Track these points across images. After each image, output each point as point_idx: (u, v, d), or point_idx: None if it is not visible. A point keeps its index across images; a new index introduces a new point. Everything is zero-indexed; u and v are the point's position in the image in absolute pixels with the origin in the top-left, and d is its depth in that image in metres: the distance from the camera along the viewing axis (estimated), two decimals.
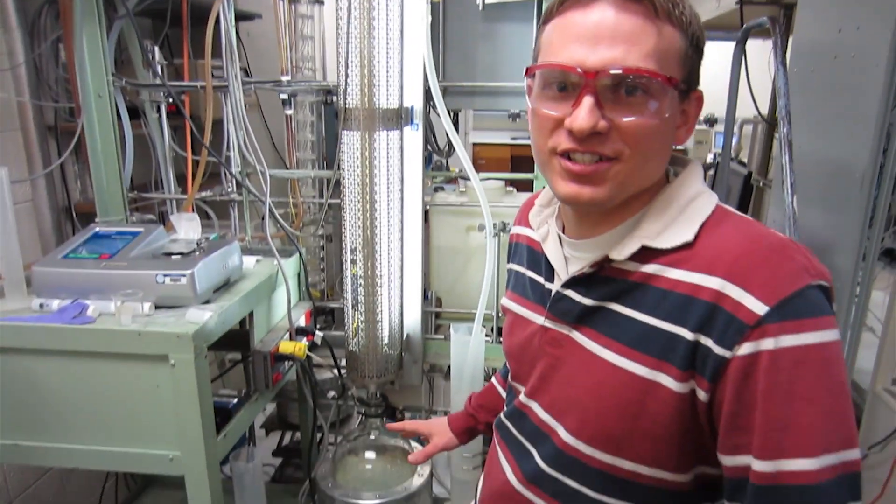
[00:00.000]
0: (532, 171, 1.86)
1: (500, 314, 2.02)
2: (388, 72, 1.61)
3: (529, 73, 0.78)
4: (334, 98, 2.07)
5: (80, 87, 1.90)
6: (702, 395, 0.70)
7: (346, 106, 1.61)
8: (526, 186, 2.04)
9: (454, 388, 1.83)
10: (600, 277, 0.80)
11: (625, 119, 0.71)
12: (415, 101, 1.77)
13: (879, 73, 1.63)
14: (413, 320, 1.94)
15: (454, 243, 2.07)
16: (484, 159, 6.06)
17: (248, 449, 1.75)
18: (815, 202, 2.02)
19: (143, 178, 2.33)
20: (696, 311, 0.70)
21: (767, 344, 0.65)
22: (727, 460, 0.70)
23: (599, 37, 0.71)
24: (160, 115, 2.08)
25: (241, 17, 2.59)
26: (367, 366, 1.79)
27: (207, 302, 1.56)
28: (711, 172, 4.81)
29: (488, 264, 1.83)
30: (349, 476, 1.87)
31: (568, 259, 0.86)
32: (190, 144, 2.03)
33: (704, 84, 0.81)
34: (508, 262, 1.06)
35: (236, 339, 1.65)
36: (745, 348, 0.66)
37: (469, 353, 1.78)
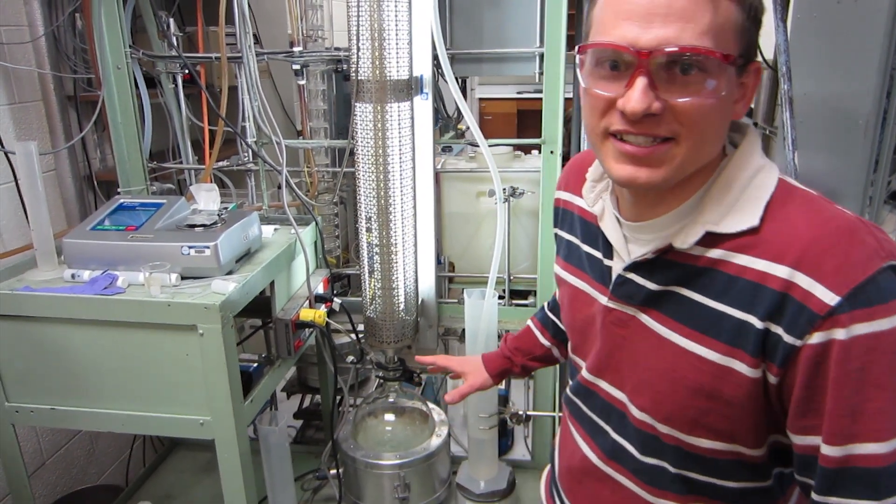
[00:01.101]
0: (538, 127, 1.88)
1: (512, 277, 2.08)
2: (397, 44, 1.63)
3: (581, 50, 0.75)
4: (344, 66, 2.09)
5: (100, 59, 1.93)
6: (772, 378, 0.71)
7: (359, 78, 1.64)
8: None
9: (469, 350, 1.88)
10: (664, 261, 0.79)
11: (680, 99, 0.69)
12: (424, 70, 1.79)
13: (882, 16, 1.62)
14: (427, 286, 1.99)
15: (465, 209, 2.11)
16: (490, 115, 6.01)
17: (272, 412, 1.83)
18: (820, 148, 2.03)
19: (159, 146, 2.37)
20: (766, 299, 0.70)
21: (839, 334, 0.65)
22: (797, 439, 0.72)
23: (653, 14, 0.68)
24: (176, 86, 2.10)
25: None
26: (384, 331, 1.85)
27: (230, 273, 1.62)
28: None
29: (499, 230, 1.86)
30: (369, 437, 1.95)
31: (627, 238, 0.85)
32: (206, 114, 2.06)
33: None
34: (555, 226, 1.04)
35: (258, 306, 1.71)
36: (816, 337, 0.66)
37: (483, 316, 1.83)
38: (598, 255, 0.90)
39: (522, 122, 6.01)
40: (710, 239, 0.75)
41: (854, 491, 0.67)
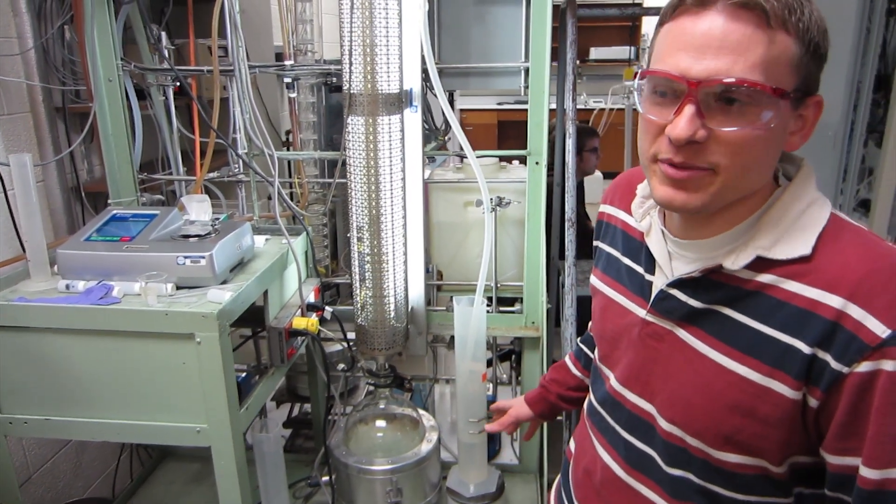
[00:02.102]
0: (520, 136, 1.93)
1: (499, 285, 2.12)
2: (388, 58, 1.67)
3: (641, 77, 0.78)
4: (333, 79, 2.13)
5: (91, 71, 1.95)
6: (813, 402, 0.75)
7: (351, 91, 1.68)
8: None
9: (458, 356, 1.92)
10: (709, 281, 0.82)
11: (725, 129, 0.72)
12: (413, 83, 1.84)
13: (848, 34, 1.71)
14: (417, 294, 2.03)
15: (452, 218, 2.16)
16: (472, 126, 6.11)
17: (263, 420, 1.85)
18: None
19: (147, 157, 2.38)
20: (816, 326, 0.73)
21: (888, 365, 0.69)
22: (833, 459, 0.76)
23: (707, 46, 0.71)
24: (167, 98, 2.13)
25: None
26: (376, 339, 1.89)
27: (225, 282, 1.65)
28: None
29: (487, 239, 1.91)
30: (361, 444, 1.98)
31: (671, 255, 0.88)
32: (198, 126, 2.09)
33: None
34: (596, 239, 1.08)
35: (248, 315, 1.74)
36: (864, 366, 0.70)
37: (471, 323, 1.88)
38: (640, 269, 0.93)
39: (503, 132, 6.10)
40: (761, 264, 0.78)
41: None
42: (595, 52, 7.31)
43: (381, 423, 2.02)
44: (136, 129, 2.10)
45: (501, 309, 2.15)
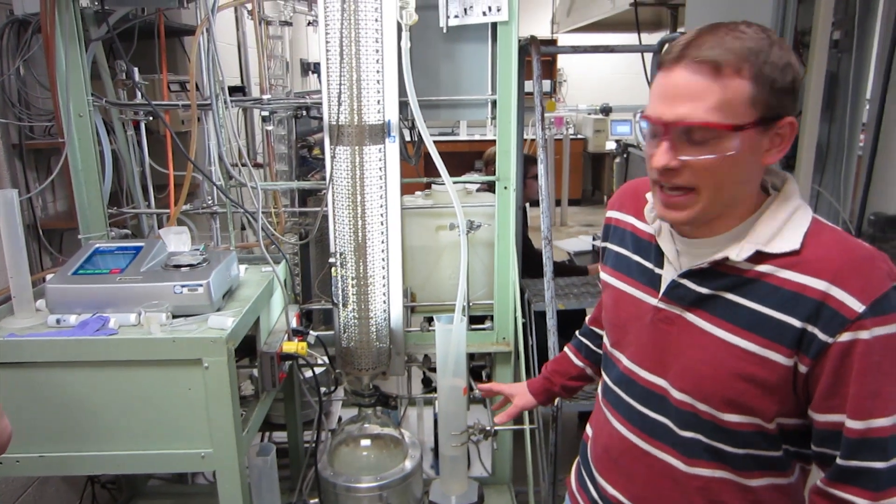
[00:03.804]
0: (463, 166, 2.07)
1: (471, 303, 2.24)
2: (375, 92, 1.79)
3: (641, 118, 0.97)
4: (304, 112, 2.21)
5: (62, 107, 1.95)
6: (803, 368, 0.91)
7: (339, 123, 1.77)
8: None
9: (440, 373, 2.02)
10: (714, 271, 0.98)
11: (691, 158, 0.91)
12: (391, 115, 1.95)
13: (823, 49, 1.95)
14: (396, 315, 2.11)
15: (426, 242, 2.27)
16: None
17: (262, 444, 1.88)
18: None
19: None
20: (805, 305, 0.90)
21: (863, 334, 0.86)
22: (820, 417, 0.92)
23: (676, 95, 0.90)
24: (138, 131, 2.14)
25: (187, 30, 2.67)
26: (361, 359, 1.96)
27: (219, 309, 1.69)
28: (618, 160, 5.21)
29: (462, 259, 2.03)
30: (347, 463, 2.03)
31: (679, 252, 1.04)
32: (171, 159, 2.11)
33: (602, 77, 1.00)
34: (604, 241, 1.23)
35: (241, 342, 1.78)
36: (845, 336, 0.87)
37: (452, 340, 1.98)
38: (650, 265, 1.09)
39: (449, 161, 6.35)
40: (759, 256, 0.95)
41: (870, 455, 0.89)
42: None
43: (366, 442, 2.08)
44: (105, 164, 2.10)
45: (473, 326, 2.26)
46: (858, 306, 0.87)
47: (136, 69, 2.05)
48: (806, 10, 2.31)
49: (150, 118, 2.10)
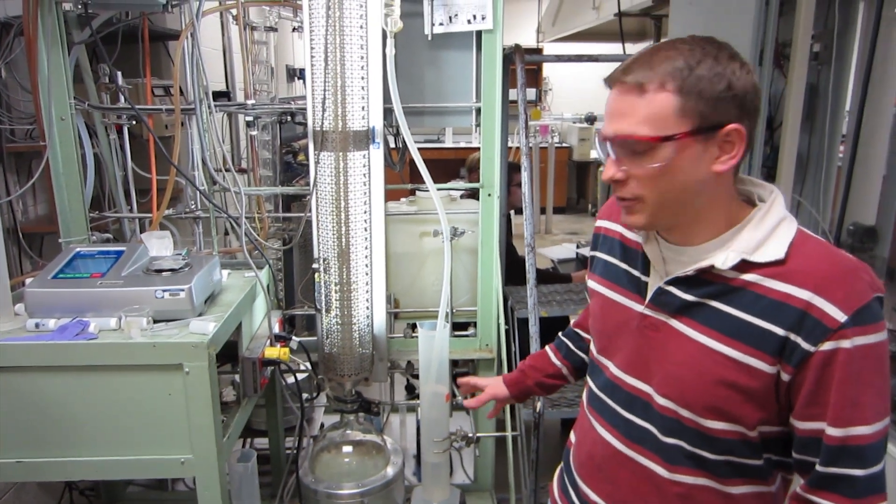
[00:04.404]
0: (447, 173, 2.08)
1: (454, 310, 2.24)
2: (359, 97, 1.79)
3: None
4: (288, 118, 2.21)
5: (44, 111, 1.94)
6: (785, 376, 0.92)
7: (323, 129, 1.77)
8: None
9: (423, 379, 2.01)
10: (700, 279, 1.00)
11: (632, 169, 0.97)
12: (376, 122, 1.95)
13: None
14: (379, 321, 2.11)
15: (409, 249, 2.27)
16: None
17: (243, 450, 1.86)
18: None
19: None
20: (789, 314, 0.91)
21: (845, 343, 0.88)
22: (801, 424, 0.93)
23: (612, 114, 0.98)
24: (121, 135, 2.13)
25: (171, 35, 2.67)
26: (344, 365, 1.95)
27: (201, 314, 1.68)
28: (602, 169, 5.25)
29: (446, 266, 2.03)
30: (329, 470, 2.02)
31: (665, 259, 1.06)
32: (154, 163, 2.10)
33: (587, 86, 1.05)
34: (592, 249, 1.25)
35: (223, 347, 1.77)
36: (827, 345, 0.88)
37: (435, 347, 1.98)
38: (636, 272, 1.11)
39: (434, 168, 6.38)
40: (744, 265, 0.96)
41: (849, 463, 0.90)
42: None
43: (347, 448, 2.07)
44: (87, 168, 2.09)
45: (456, 333, 2.27)
46: (841, 316, 0.88)
47: (119, 73, 2.04)
48: (786, 22, 2.35)
49: (133, 122, 2.09)
